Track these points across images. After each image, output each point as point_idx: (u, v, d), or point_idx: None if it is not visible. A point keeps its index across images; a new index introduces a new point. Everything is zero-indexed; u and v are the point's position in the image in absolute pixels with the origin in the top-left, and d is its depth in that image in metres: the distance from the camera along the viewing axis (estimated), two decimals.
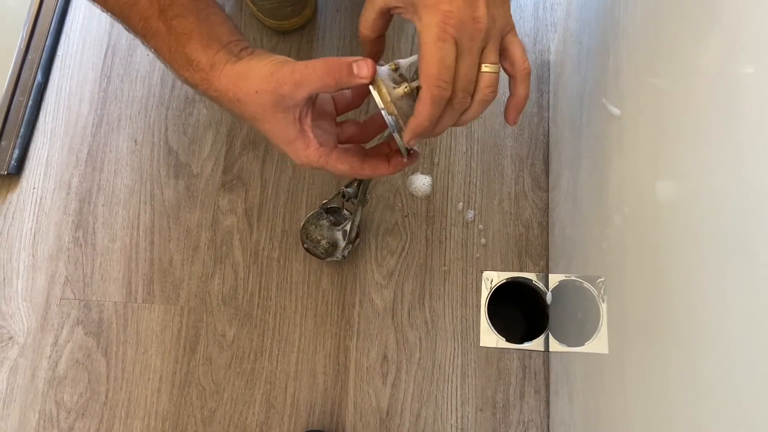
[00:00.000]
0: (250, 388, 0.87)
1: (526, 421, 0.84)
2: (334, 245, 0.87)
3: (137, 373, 0.88)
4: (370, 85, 0.42)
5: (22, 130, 0.96)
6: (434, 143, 0.95)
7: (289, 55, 0.99)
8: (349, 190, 0.78)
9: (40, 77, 0.99)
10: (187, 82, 0.45)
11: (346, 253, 0.86)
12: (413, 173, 0.94)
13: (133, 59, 1.02)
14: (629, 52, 0.49)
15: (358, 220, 0.81)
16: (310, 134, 0.44)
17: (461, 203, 0.93)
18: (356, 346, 0.88)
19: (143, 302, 0.91)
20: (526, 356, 0.86)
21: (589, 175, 0.63)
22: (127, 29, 0.46)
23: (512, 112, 0.46)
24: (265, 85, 0.42)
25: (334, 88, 0.42)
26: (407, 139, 0.43)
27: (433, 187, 0.93)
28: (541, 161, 0.94)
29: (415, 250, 0.91)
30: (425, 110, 0.41)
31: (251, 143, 0.96)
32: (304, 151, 0.45)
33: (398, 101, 0.43)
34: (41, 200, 0.96)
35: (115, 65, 1.01)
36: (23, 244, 0.94)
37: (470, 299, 0.89)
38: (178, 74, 0.46)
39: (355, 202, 0.78)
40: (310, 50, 1.00)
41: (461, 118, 0.44)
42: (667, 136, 0.39)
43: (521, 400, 0.85)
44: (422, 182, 0.93)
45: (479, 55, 0.42)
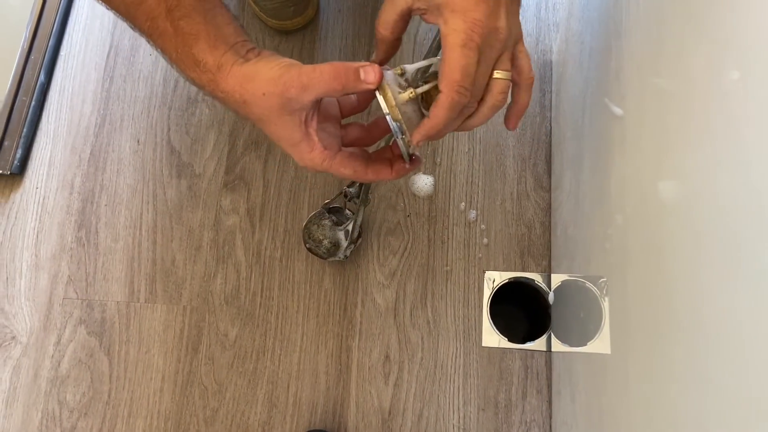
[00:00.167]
0: (252, 387, 0.87)
1: (528, 421, 0.84)
2: (336, 245, 0.87)
3: (140, 372, 0.88)
4: (375, 90, 0.42)
5: (25, 130, 0.96)
6: (436, 143, 0.95)
7: (291, 54, 1.00)
8: (351, 190, 0.78)
9: (42, 77, 0.99)
10: (193, 82, 0.45)
11: (348, 252, 0.86)
12: (415, 173, 0.94)
13: (135, 59, 1.02)
14: (631, 51, 0.49)
15: (360, 219, 0.81)
16: (314, 137, 0.44)
17: (463, 203, 0.93)
18: (358, 345, 0.88)
19: (146, 302, 0.91)
20: (528, 356, 0.86)
21: (591, 175, 0.63)
22: (132, 28, 0.46)
23: (514, 118, 0.47)
24: (272, 87, 0.42)
25: (340, 92, 0.42)
26: (417, 139, 0.43)
27: (435, 187, 0.93)
28: (543, 161, 0.94)
29: (417, 250, 0.91)
30: (442, 114, 0.42)
31: (254, 143, 0.97)
32: (308, 154, 0.45)
33: (403, 106, 0.43)
34: (44, 200, 0.96)
35: (117, 65, 1.02)
36: (26, 243, 0.94)
37: (472, 299, 0.89)
38: (184, 75, 0.46)
39: (357, 202, 0.79)
40: (312, 50, 1.00)
41: (470, 122, 0.45)
42: (669, 135, 0.39)
43: (523, 400, 0.85)
44: (424, 182, 0.93)
45: (494, 63, 0.43)
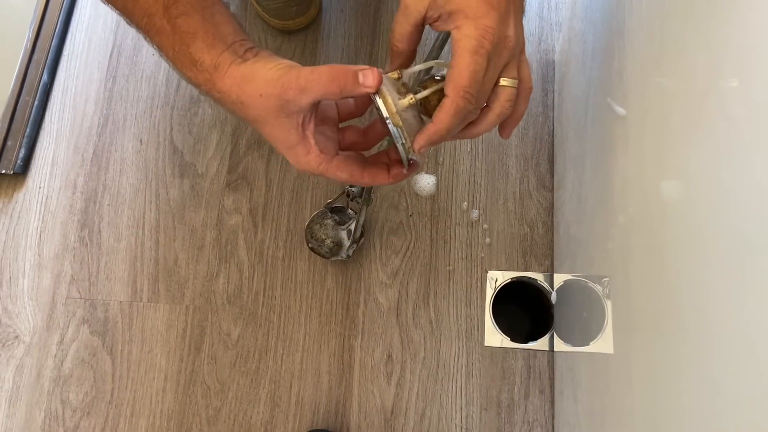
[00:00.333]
0: (254, 387, 0.87)
1: (530, 421, 0.84)
2: (338, 245, 0.87)
3: (142, 372, 0.88)
4: (375, 94, 0.41)
5: (28, 129, 0.97)
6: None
7: (293, 54, 1.00)
8: (353, 189, 0.78)
9: (45, 77, 1.00)
10: (190, 81, 0.45)
11: (350, 252, 0.86)
12: (418, 173, 0.94)
13: (138, 59, 1.02)
14: (634, 51, 0.49)
15: (362, 219, 0.81)
16: (311, 140, 0.44)
17: (466, 203, 0.93)
18: (361, 345, 0.88)
19: (148, 301, 0.91)
20: (530, 356, 0.86)
21: (594, 174, 0.63)
22: (129, 24, 0.46)
23: (509, 127, 0.47)
24: (270, 89, 0.41)
25: (338, 95, 0.41)
26: (420, 144, 0.43)
27: (437, 186, 0.93)
28: (545, 161, 0.93)
29: (419, 249, 0.91)
30: (446, 119, 0.41)
31: (256, 143, 0.97)
32: (304, 157, 0.44)
33: (403, 112, 0.42)
34: (47, 199, 0.96)
35: (120, 65, 1.02)
36: (29, 243, 0.94)
37: (475, 299, 0.89)
38: (181, 73, 0.45)
39: (359, 201, 0.79)
40: (314, 50, 1.01)
41: (475, 130, 0.45)
42: (672, 135, 0.39)
43: (526, 399, 0.85)
44: (427, 182, 0.93)
45: (501, 70, 0.42)
